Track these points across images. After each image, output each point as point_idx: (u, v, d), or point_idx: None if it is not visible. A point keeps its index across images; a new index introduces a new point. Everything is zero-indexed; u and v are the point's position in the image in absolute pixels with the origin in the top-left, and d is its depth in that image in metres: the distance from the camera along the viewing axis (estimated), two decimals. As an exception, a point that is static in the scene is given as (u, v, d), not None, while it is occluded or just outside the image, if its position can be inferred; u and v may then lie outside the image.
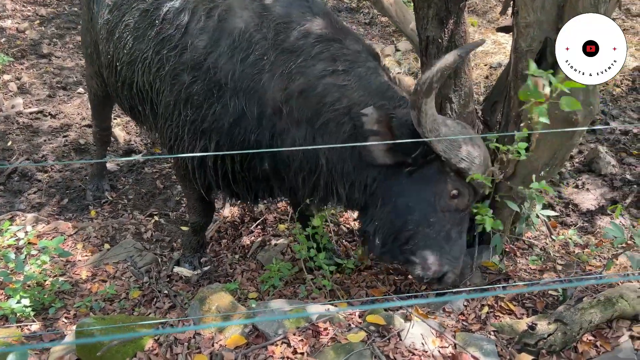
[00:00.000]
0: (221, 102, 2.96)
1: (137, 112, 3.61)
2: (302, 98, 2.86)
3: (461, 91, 3.19)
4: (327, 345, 2.54)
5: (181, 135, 3.12)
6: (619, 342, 2.53)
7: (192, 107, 3.03)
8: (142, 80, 3.32)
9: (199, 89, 3.01)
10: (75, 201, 4.70)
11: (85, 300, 3.33)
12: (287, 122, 2.90)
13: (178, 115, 3.11)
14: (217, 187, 3.24)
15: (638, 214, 4.60)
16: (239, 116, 2.94)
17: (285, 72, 2.87)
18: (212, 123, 2.99)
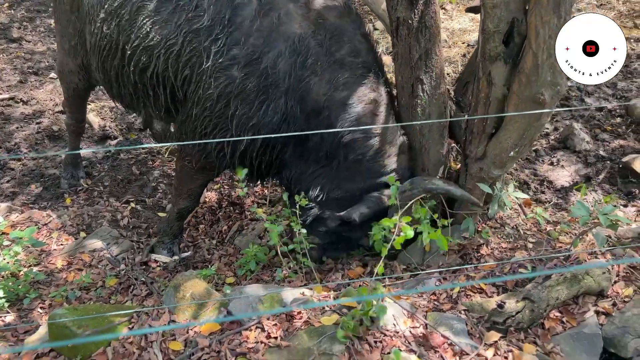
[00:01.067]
0: (274, 100, 3.12)
1: (142, 97, 3.54)
2: (343, 108, 3.17)
3: (432, 72, 3.19)
4: (301, 329, 2.57)
5: (223, 126, 3.23)
6: (585, 317, 2.59)
7: (243, 102, 3.15)
8: (164, 66, 3.30)
9: (252, 86, 3.13)
10: (49, 189, 4.64)
11: (61, 289, 3.32)
12: (320, 123, 3.16)
13: (223, 108, 3.20)
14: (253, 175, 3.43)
15: (611, 190, 4.68)
16: (286, 113, 3.14)
17: (333, 81, 3.15)
18: (262, 118, 3.15)
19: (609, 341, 2.51)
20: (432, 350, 2.44)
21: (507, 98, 2.90)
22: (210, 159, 3.40)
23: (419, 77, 3.21)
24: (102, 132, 5.38)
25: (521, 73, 2.77)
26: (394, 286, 2.98)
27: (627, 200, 4.50)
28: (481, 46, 2.86)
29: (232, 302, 2.73)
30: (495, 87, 2.90)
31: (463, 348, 2.43)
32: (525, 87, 2.78)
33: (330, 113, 3.17)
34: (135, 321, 2.73)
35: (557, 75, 2.71)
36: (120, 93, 3.68)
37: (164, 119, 3.79)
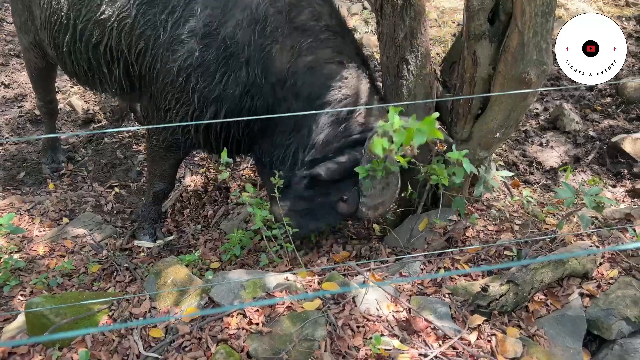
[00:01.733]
0: (234, 71, 3.05)
1: (97, 73, 3.47)
2: (309, 74, 3.07)
3: (418, 52, 3.11)
4: (283, 314, 2.54)
5: (187, 100, 3.16)
6: (569, 299, 2.57)
7: (204, 75, 3.08)
8: (118, 40, 3.24)
9: (212, 58, 3.06)
10: (32, 174, 4.57)
11: (42, 276, 3.27)
12: (287, 92, 3.08)
13: (184, 82, 3.13)
14: (215, 149, 3.37)
15: (600, 170, 4.65)
16: (250, 84, 3.07)
17: (296, 47, 3.04)
18: (224, 91, 3.08)
19: (592, 323, 2.50)
20: (415, 334, 2.42)
21: (492, 78, 2.85)
22: (177, 135, 3.34)
23: (404, 57, 3.14)
24: (86, 115, 5.28)
25: (507, 52, 2.71)
26: (379, 269, 2.95)
27: (615, 181, 4.49)
28: (466, 24, 2.80)
29: (213, 288, 2.69)
30: (481, 67, 2.85)
31: (446, 332, 2.41)
32: (511, 66, 2.72)
33: (296, 81, 3.08)
34: (115, 308, 2.69)
35: (543, 54, 2.66)
36: (75, 70, 3.60)
37: (121, 96, 3.72)
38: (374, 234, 3.61)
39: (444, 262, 2.91)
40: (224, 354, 2.32)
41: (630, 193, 4.27)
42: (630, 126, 4.96)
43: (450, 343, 2.35)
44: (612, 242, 2.91)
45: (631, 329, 2.47)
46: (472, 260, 2.93)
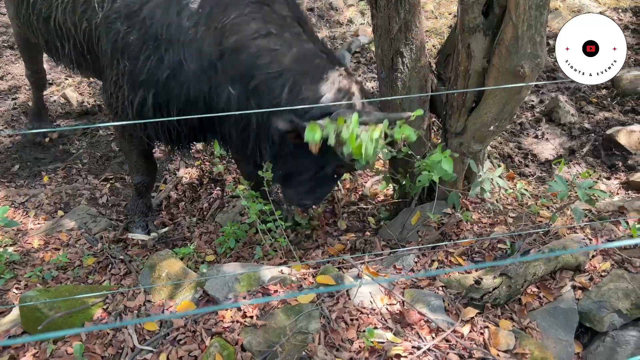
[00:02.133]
0: (157, 54, 2.96)
1: (54, 48, 3.53)
2: (236, 56, 2.90)
3: (412, 45, 3.10)
4: (277, 307, 2.55)
5: (120, 84, 3.11)
6: (562, 292, 2.59)
7: (129, 57, 3.01)
8: (64, 17, 3.25)
9: (134, 40, 2.99)
10: (26, 168, 4.55)
11: (37, 270, 3.27)
12: (222, 78, 2.94)
13: (117, 65, 3.09)
14: (155, 137, 3.29)
15: (594, 163, 4.66)
16: (175, 69, 2.95)
17: (219, 27, 2.89)
18: (148, 75, 2.99)
19: (584, 315, 2.52)
20: (409, 327, 2.43)
21: (487, 71, 2.84)
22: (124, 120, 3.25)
23: (399, 50, 3.13)
24: (81, 108, 5.26)
25: (501, 45, 2.71)
26: (373, 262, 2.96)
27: (610, 173, 4.50)
28: (460, 17, 2.78)
29: (208, 281, 2.70)
30: (475, 60, 2.84)
31: (439, 325, 2.43)
32: (506, 59, 2.72)
33: (225, 64, 2.93)
34: (110, 302, 2.69)
35: (538, 48, 2.65)
36: (39, 41, 3.66)
37: (78, 71, 3.68)
38: (369, 226, 3.62)
39: (437, 255, 2.92)
40: (218, 347, 2.33)
41: (624, 185, 4.29)
42: (625, 118, 4.96)
43: (443, 336, 2.36)
44: (604, 235, 2.92)
45: (623, 321, 2.48)
46: (466, 253, 2.94)
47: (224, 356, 2.30)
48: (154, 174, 3.75)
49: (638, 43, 5.88)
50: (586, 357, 2.49)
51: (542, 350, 2.34)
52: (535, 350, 2.33)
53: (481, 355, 2.28)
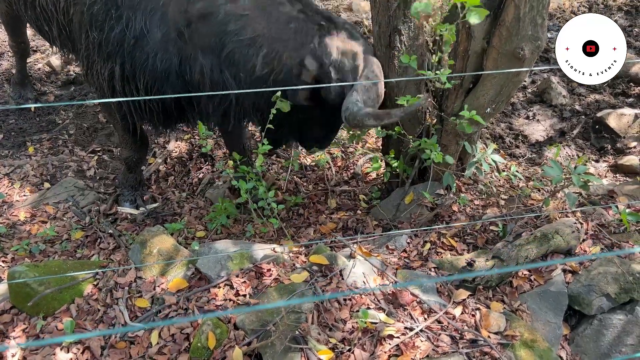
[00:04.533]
0: (120, 23, 2.85)
1: (45, 32, 3.48)
2: (204, 23, 2.78)
3: (411, 22, 3.04)
4: (270, 286, 2.54)
5: (93, 57, 3.04)
6: (552, 275, 2.62)
7: (96, 29, 2.93)
8: None
9: (98, 10, 2.91)
10: (10, 137, 4.44)
11: (24, 243, 3.21)
12: (192, 48, 2.82)
13: (86, 38, 3.02)
14: (129, 115, 3.16)
15: (584, 145, 4.69)
16: (139, 38, 2.83)
17: None
18: (115, 46, 2.89)
19: (574, 299, 2.56)
20: (401, 308, 2.44)
21: (486, 52, 2.81)
22: (104, 95, 3.14)
23: (397, 27, 3.06)
24: (66, 77, 5.12)
25: (502, 26, 2.67)
26: (365, 242, 2.96)
27: (598, 156, 4.54)
28: (461, -4, 2.73)
29: (200, 259, 2.68)
30: (475, 41, 2.80)
31: (431, 306, 2.45)
32: (506, 40, 2.68)
33: (192, 33, 2.80)
34: (100, 278, 2.66)
35: (539, 30, 2.62)
36: (32, 24, 3.60)
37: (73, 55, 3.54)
38: (360, 205, 3.61)
39: (430, 236, 2.93)
40: (210, 325, 2.32)
41: (612, 168, 4.33)
42: (615, 101, 4.98)
43: (435, 317, 2.38)
44: (595, 219, 2.95)
45: (611, 305, 2.53)
46: (458, 235, 2.95)
47: (216, 334, 2.31)
48: (143, 149, 3.62)
49: (631, 25, 5.88)
50: (573, 339, 2.54)
51: (531, 332, 2.38)
52: (525, 332, 2.37)
53: (472, 336, 2.31)
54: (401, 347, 2.24)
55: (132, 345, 2.35)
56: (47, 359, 2.29)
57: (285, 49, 2.78)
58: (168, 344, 2.34)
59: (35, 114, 4.69)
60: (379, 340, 2.27)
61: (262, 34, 2.77)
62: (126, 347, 2.34)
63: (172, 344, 2.34)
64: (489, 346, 2.25)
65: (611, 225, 2.95)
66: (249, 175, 3.17)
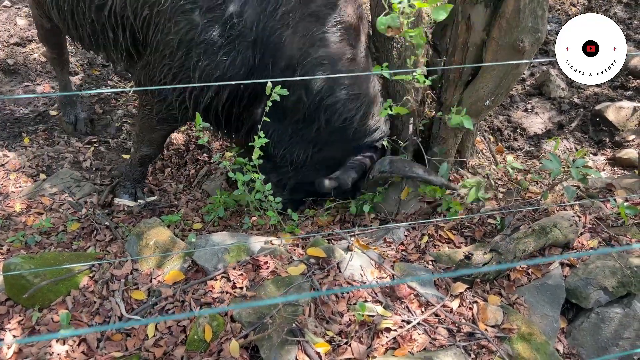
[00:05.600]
0: (241, 52, 2.89)
1: (100, 38, 3.24)
2: (321, 69, 2.95)
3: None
4: (267, 278, 2.53)
5: (184, 77, 3.00)
6: (550, 269, 2.62)
7: (206, 53, 2.90)
8: (122, 4, 3.00)
9: (216, 35, 2.86)
10: (6, 128, 4.41)
11: (19, 234, 3.19)
12: (296, 81, 2.94)
13: (184, 57, 2.95)
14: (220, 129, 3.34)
15: (582, 138, 4.68)
16: (255, 67, 2.93)
17: (308, 35, 2.91)
18: (227, 71, 2.92)
19: (571, 292, 2.56)
20: (398, 301, 2.44)
21: (485, 44, 2.79)
22: (172, 110, 3.18)
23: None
24: (62, 67, 5.06)
25: (502, 18, 2.65)
26: (363, 235, 2.95)
27: (597, 149, 4.53)
28: (461, -13, 2.71)
29: (197, 251, 2.67)
30: (475, 32, 2.78)
31: (429, 299, 2.44)
32: (506, 32, 2.66)
33: (306, 72, 2.95)
34: (96, 270, 2.65)
35: (539, 22, 2.60)
36: (79, 33, 3.35)
37: (127, 62, 3.44)
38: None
39: (427, 229, 2.92)
40: (207, 317, 2.31)
41: (610, 161, 4.33)
42: (614, 94, 4.97)
43: (432, 310, 2.38)
44: (593, 213, 2.94)
45: (608, 299, 2.53)
46: (456, 228, 2.94)
47: (213, 327, 2.30)
48: (162, 148, 3.74)
49: (630, 18, 5.85)
50: (571, 332, 2.54)
51: (528, 326, 2.38)
52: (522, 325, 2.37)
53: (469, 329, 2.31)
54: (398, 340, 2.24)
55: (128, 338, 2.34)
56: (43, 351, 2.28)
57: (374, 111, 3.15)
58: (164, 336, 2.34)
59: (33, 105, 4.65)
60: (376, 333, 2.27)
61: (365, 94, 3.11)
62: (122, 340, 2.33)
63: (169, 336, 2.34)
64: (486, 339, 2.25)
65: (609, 219, 2.94)
66: (246, 167, 3.15)
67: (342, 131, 3.11)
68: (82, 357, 2.26)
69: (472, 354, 2.22)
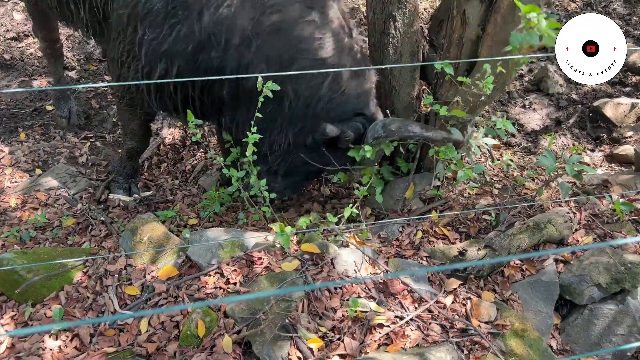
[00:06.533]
0: (186, 24, 2.77)
1: (67, 10, 3.25)
2: (277, 36, 2.77)
3: (405, 9, 3.01)
4: (261, 274, 2.53)
5: (136, 54, 2.90)
6: (544, 265, 2.61)
7: (152, 25, 2.80)
8: None
9: (160, 7, 2.77)
10: (2, 123, 4.39)
11: (14, 229, 3.19)
12: (256, 56, 2.79)
13: (133, 32, 2.88)
14: (174, 111, 3.11)
15: (580, 134, 4.67)
16: (204, 41, 2.78)
17: (259, 3, 2.74)
18: (174, 45, 2.80)
19: (565, 288, 2.55)
20: (392, 297, 2.44)
21: (481, 39, 2.77)
22: (133, 94, 3.09)
23: (392, 14, 3.04)
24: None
25: (497, 13, 2.63)
26: (358, 231, 2.94)
27: (594, 145, 4.52)
28: (457, -18, 2.69)
29: (191, 246, 2.66)
30: (470, 28, 2.77)
31: (422, 295, 2.44)
32: (501, 28, 2.65)
33: (262, 43, 2.77)
34: (90, 265, 2.64)
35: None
36: (48, 2, 3.37)
37: (88, 36, 3.39)
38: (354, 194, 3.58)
39: (422, 225, 2.91)
40: (200, 313, 2.31)
41: (608, 158, 4.32)
42: (612, 90, 4.95)
43: (426, 306, 2.38)
44: (588, 209, 2.94)
45: (602, 295, 2.53)
46: (451, 224, 2.94)
47: (206, 322, 2.30)
48: (148, 140, 3.65)
49: (630, 13, 5.83)
50: (564, 328, 2.54)
51: (522, 322, 2.38)
52: (516, 321, 2.37)
53: (462, 325, 2.31)
54: (391, 336, 2.24)
55: (121, 333, 2.34)
56: (35, 346, 2.28)
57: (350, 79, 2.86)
58: (157, 331, 2.33)
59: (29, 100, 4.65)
60: (369, 329, 2.27)
61: (332, 63, 2.81)
62: (115, 335, 2.33)
63: (162, 331, 2.33)
64: (479, 335, 2.25)
65: (604, 215, 2.93)
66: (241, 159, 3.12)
67: (317, 101, 2.85)
68: (75, 352, 2.26)
69: (465, 350, 2.22)
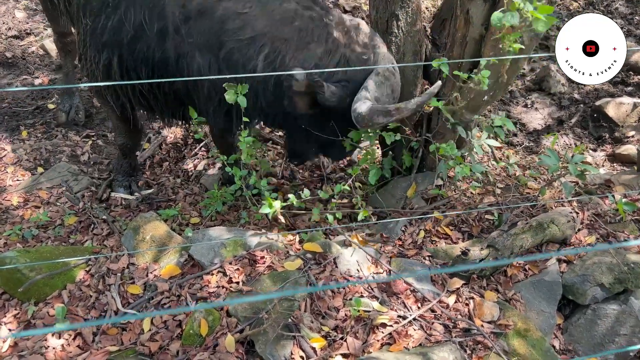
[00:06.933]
0: (118, 13, 2.74)
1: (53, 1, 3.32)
2: (201, 20, 2.66)
3: (408, 8, 3.00)
4: (264, 273, 2.53)
5: (86, 43, 2.91)
6: (547, 265, 2.61)
7: (91, 15, 2.82)
8: None
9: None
10: (3, 121, 4.39)
11: (16, 228, 3.19)
12: (189, 45, 2.71)
13: (79, 22, 2.91)
14: (129, 104, 3.06)
15: (582, 134, 4.66)
16: (138, 30, 2.73)
17: None
18: (112, 35, 2.78)
19: (568, 288, 2.55)
20: (395, 296, 2.43)
21: (484, 39, 2.76)
22: (100, 90, 3.06)
23: (395, 13, 3.03)
24: (60, 60, 5.04)
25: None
26: (360, 230, 2.94)
27: (596, 145, 4.51)
28: (460, -19, 2.69)
29: (193, 245, 2.66)
30: (473, 27, 2.76)
31: (425, 295, 2.43)
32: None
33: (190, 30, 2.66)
34: (92, 264, 2.64)
35: (538, 17, 2.57)
36: None
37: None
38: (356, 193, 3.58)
39: (425, 225, 2.91)
40: (203, 312, 2.31)
41: (610, 157, 4.31)
42: (614, 90, 4.95)
43: (429, 306, 2.37)
44: (591, 209, 2.93)
45: (605, 295, 2.52)
46: (454, 224, 2.93)
47: (208, 321, 2.30)
48: (137, 136, 3.57)
49: (632, 13, 5.82)
50: (567, 328, 2.54)
51: (525, 322, 2.37)
52: (519, 321, 2.36)
53: (465, 325, 2.31)
54: (394, 336, 2.23)
55: (124, 332, 2.34)
56: (38, 344, 2.28)
57: (288, 49, 2.65)
58: (160, 330, 2.33)
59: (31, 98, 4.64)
60: (372, 328, 2.27)
61: (263, 33, 2.63)
62: (118, 334, 2.33)
63: (165, 330, 2.33)
64: (482, 335, 2.25)
65: (607, 215, 2.93)
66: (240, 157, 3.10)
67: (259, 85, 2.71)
68: (78, 351, 2.26)
69: (468, 350, 2.22)
